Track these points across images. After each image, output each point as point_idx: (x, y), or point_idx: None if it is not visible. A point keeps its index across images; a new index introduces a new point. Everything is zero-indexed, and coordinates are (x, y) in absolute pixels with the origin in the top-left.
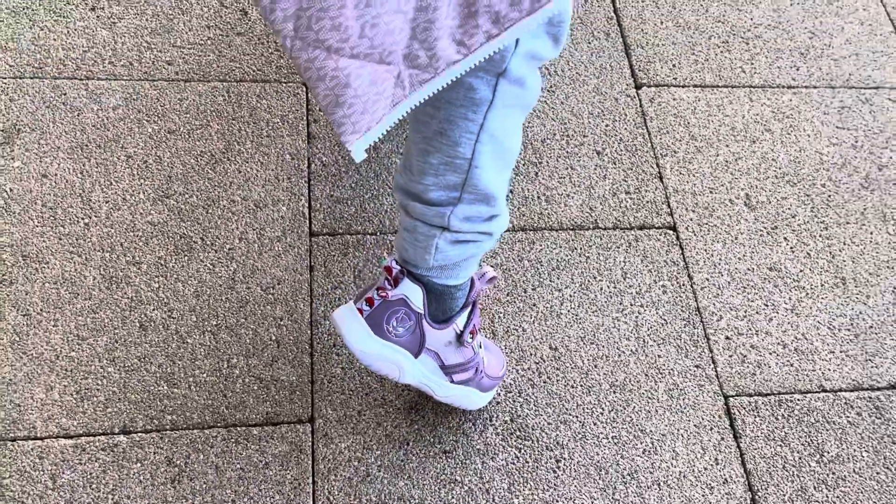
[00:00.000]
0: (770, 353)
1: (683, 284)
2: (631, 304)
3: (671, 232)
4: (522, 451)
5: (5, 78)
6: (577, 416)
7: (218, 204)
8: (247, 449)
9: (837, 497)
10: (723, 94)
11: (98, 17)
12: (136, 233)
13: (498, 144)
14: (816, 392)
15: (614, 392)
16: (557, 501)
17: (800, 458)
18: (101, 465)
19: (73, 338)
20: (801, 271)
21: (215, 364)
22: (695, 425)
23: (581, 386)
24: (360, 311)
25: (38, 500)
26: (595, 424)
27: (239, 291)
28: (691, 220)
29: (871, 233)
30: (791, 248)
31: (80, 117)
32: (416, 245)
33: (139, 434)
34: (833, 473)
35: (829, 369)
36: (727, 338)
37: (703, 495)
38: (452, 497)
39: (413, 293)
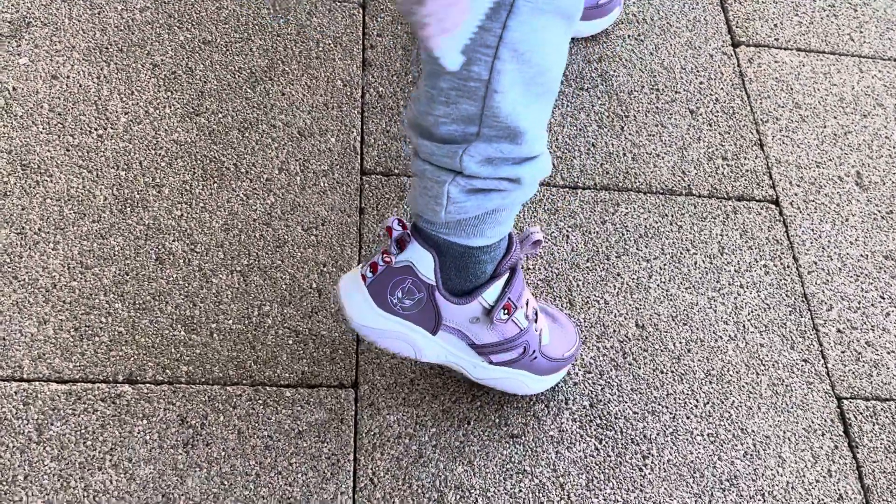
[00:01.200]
0: (889, 353)
1: (788, 266)
2: (729, 284)
3: (773, 206)
4: (603, 442)
5: None
6: (667, 407)
7: (256, 128)
8: (277, 413)
9: None
10: (829, 62)
11: None
12: (159, 151)
13: (525, 63)
14: None
15: (710, 382)
16: None
17: None
18: (100, 419)
19: (76, 265)
20: None
21: (244, 310)
22: (804, 429)
23: (672, 372)
24: (364, 277)
25: (19, 455)
26: (688, 418)
27: (276, 229)
28: (796, 195)
29: None
30: None
31: (100, 16)
32: (426, 194)
33: (147, 385)
34: None
35: None
36: (839, 331)
37: None
38: (520, 490)
39: (421, 260)
